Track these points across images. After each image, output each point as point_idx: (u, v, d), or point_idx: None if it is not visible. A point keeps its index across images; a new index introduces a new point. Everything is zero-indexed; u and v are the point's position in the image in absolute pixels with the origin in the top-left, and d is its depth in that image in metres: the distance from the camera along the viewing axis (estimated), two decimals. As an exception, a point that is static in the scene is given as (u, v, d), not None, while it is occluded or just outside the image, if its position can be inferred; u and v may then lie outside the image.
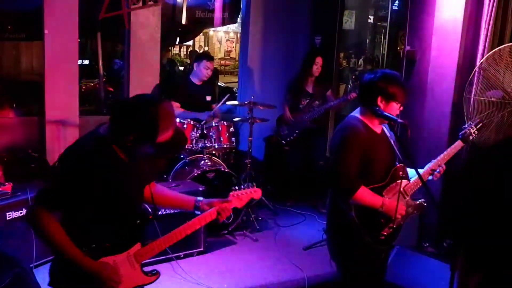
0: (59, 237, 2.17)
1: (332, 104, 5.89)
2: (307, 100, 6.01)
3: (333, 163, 2.87)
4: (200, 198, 2.58)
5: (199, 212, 2.55)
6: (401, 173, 2.98)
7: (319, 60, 5.92)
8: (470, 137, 3.20)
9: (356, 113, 3.03)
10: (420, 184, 3.00)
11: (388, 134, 3.04)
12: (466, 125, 3.25)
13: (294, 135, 6.06)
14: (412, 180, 3.04)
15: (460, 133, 3.20)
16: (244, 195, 2.59)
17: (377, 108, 2.87)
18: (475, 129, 3.21)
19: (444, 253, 4.68)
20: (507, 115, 4.13)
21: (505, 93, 4.14)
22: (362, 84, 2.98)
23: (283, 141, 6.17)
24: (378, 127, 3.00)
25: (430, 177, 3.12)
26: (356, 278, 3.05)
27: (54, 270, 2.35)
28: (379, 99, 2.88)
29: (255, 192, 2.63)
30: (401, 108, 2.94)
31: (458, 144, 3.17)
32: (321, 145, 6.22)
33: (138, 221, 2.42)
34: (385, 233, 2.96)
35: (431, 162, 3.13)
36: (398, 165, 2.99)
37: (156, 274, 2.50)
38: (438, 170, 3.10)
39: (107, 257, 2.32)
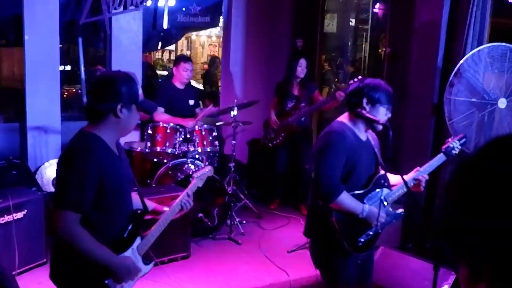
0: (88, 240, 2.21)
1: (319, 104, 5.84)
2: (293, 103, 6.02)
3: (316, 166, 2.88)
4: (167, 208, 2.70)
5: (167, 208, 2.69)
6: (383, 181, 2.99)
7: (303, 62, 5.93)
8: (453, 151, 3.21)
9: (342, 118, 3.03)
10: (401, 194, 3.03)
11: (372, 142, 3.06)
12: (449, 139, 3.26)
13: (281, 138, 6.07)
14: (393, 188, 3.06)
15: (443, 147, 3.21)
16: (204, 174, 2.86)
17: (360, 109, 2.89)
18: (458, 143, 3.22)
19: (427, 253, 4.72)
20: (487, 115, 4.19)
21: (484, 93, 4.20)
22: (349, 91, 3.02)
23: (270, 144, 6.18)
24: (363, 134, 3.01)
25: (411, 183, 3.11)
26: (340, 283, 3.06)
27: (59, 265, 2.37)
28: (364, 101, 2.90)
29: (209, 171, 2.92)
30: (388, 114, 2.94)
31: (441, 157, 3.19)
32: (307, 148, 6.23)
33: (139, 212, 2.51)
34: (362, 240, 2.98)
35: (414, 171, 3.13)
36: (381, 173, 3.00)
37: (152, 261, 2.63)
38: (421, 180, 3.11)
39: (119, 255, 2.38)
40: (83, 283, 2.32)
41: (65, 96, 7.32)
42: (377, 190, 2.98)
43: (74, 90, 7.80)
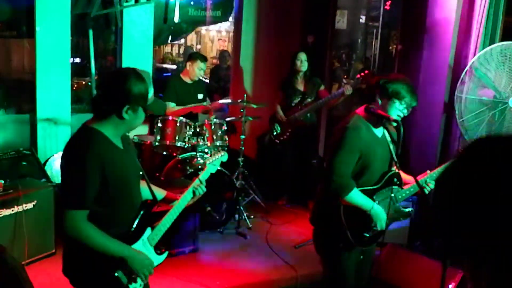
0: (99, 236, 2.24)
1: (325, 99, 5.83)
2: (299, 98, 6.01)
3: (330, 160, 2.87)
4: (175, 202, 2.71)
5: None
6: (395, 179, 2.98)
7: (301, 56, 5.91)
8: None
9: (360, 111, 3.01)
10: (412, 193, 3.04)
11: (388, 138, 3.04)
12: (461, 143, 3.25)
13: (287, 133, 6.06)
14: (404, 188, 3.05)
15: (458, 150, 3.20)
16: (216, 159, 2.88)
17: (371, 107, 2.88)
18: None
19: (434, 251, 4.71)
20: (498, 114, 4.17)
21: (496, 92, 4.18)
22: (367, 84, 3.01)
23: (276, 140, 6.18)
24: (379, 130, 2.99)
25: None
26: (338, 274, 3.07)
27: (71, 259, 2.38)
28: (377, 95, 2.88)
29: (223, 155, 2.93)
30: (405, 111, 2.90)
31: None
32: (314, 144, 6.23)
33: (148, 203, 2.51)
34: (367, 235, 2.98)
35: (429, 172, 3.12)
36: (395, 171, 2.99)
37: (165, 251, 2.62)
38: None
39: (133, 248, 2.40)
40: (94, 277, 2.33)
41: (74, 88, 7.35)
42: (388, 187, 2.97)
43: (84, 83, 7.83)
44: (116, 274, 2.31)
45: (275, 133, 6.13)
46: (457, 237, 0.93)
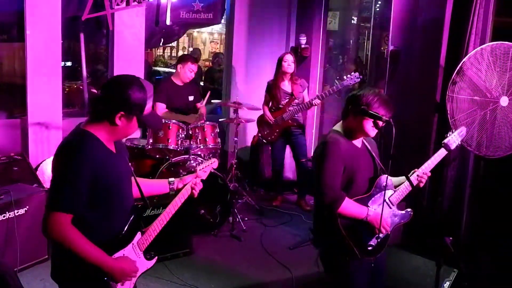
0: (81, 242, 2.20)
1: (302, 108, 5.93)
2: (287, 99, 6.02)
3: (316, 177, 2.89)
4: (172, 179, 2.74)
5: (173, 192, 2.73)
6: (385, 183, 2.98)
7: (288, 57, 5.93)
8: (454, 144, 3.20)
9: (337, 127, 3.05)
10: (406, 194, 3.03)
11: (369, 147, 3.06)
12: (449, 133, 3.26)
13: (275, 134, 6.07)
14: (397, 189, 3.05)
15: (444, 141, 3.21)
16: (207, 167, 2.85)
17: (362, 107, 2.88)
18: (457, 136, 3.22)
19: (429, 250, 4.72)
20: (489, 113, 4.18)
21: (487, 91, 4.19)
22: (346, 98, 3.02)
23: (264, 141, 6.19)
24: (358, 141, 3.02)
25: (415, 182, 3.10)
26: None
27: (60, 264, 2.35)
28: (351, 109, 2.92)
29: (214, 163, 2.91)
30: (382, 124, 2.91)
31: (442, 152, 3.18)
32: (303, 143, 6.24)
33: (139, 207, 2.51)
34: (373, 244, 2.97)
35: (411, 172, 3.12)
36: (382, 175, 2.99)
37: (155, 256, 2.61)
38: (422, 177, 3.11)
39: (117, 252, 2.37)
40: (84, 281, 2.30)
41: (66, 92, 7.31)
42: (380, 192, 2.96)
43: (75, 86, 7.80)
44: (106, 279, 2.29)
45: (263, 134, 6.15)
46: None
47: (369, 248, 2.96)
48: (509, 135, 4.21)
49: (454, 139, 3.20)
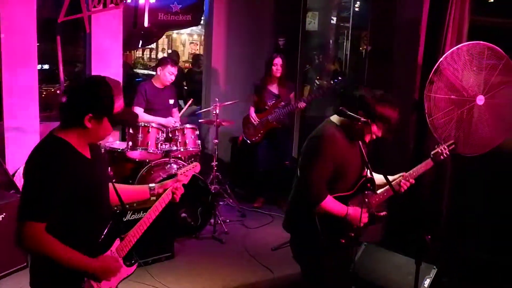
0: (57, 248, 2.15)
1: (287, 110, 5.97)
2: (273, 101, 6.03)
3: (304, 169, 2.87)
4: (152, 185, 2.68)
5: (154, 198, 2.66)
6: (369, 185, 2.98)
7: (278, 61, 5.95)
8: (441, 157, 3.23)
9: (335, 118, 2.99)
10: (386, 197, 3.05)
11: (360, 144, 3.05)
12: (438, 145, 3.28)
13: (260, 135, 6.07)
14: (378, 192, 3.06)
15: (432, 153, 3.23)
16: (188, 171, 2.78)
17: (341, 108, 2.88)
18: (447, 149, 3.25)
19: (409, 248, 4.76)
20: (466, 112, 4.23)
21: (464, 91, 4.24)
22: (356, 96, 2.99)
23: (248, 141, 6.19)
24: (353, 139, 2.98)
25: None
26: (319, 279, 3.07)
27: (37, 272, 2.31)
28: (360, 113, 2.86)
29: (195, 167, 2.84)
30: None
31: (429, 163, 3.20)
32: (287, 145, 6.25)
33: (117, 213, 2.47)
34: (344, 241, 2.99)
35: (399, 175, 3.14)
36: (368, 176, 2.98)
37: (135, 263, 2.57)
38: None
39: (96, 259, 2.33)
40: None
41: (43, 95, 7.21)
42: (362, 193, 2.97)
43: (52, 90, 7.69)
44: (82, 286, 2.26)
45: (247, 135, 6.15)
46: None
47: (340, 244, 2.98)
48: (486, 133, 4.26)
49: (443, 151, 3.22)
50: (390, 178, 3.08)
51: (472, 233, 4.67)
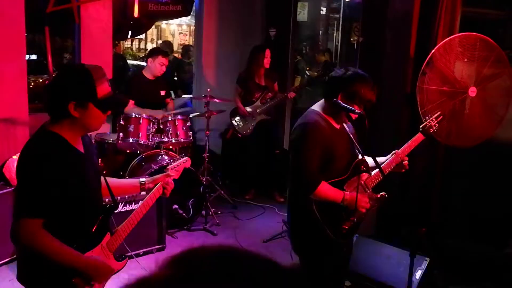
0: (54, 245, 2.14)
1: (277, 101, 6.01)
2: (260, 93, 6.01)
3: (293, 158, 2.86)
4: (143, 179, 2.66)
5: (144, 193, 2.67)
6: (362, 167, 2.98)
7: (268, 53, 5.94)
8: (431, 129, 3.24)
9: (316, 107, 3.00)
10: (381, 178, 3.04)
11: (347, 129, 3.05)
12: (427, 118, 3.29)
13: (250, 128, 6.05)
14: (373, 173, 3.06)
15: (421, 126, 3.24)
16: (179, 165, 2.79)
17: (335, 99, 2.87)
18: (435, 121, 3.25)
19: (401, 240, 4.78)
20: (458, 103, 4.23)
21: (456, 82, 4.24)
22: (328, 79, 2.98)
23: (239, 135, 6.16)
24: (337, 122, 3.00)
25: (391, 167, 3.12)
26: (319, 271, 3.07)
27: (26, 266, 2.29)
28: (339, 95, 2.87)
29: (186, 162, 2.85)
30: (362, 109, 2.92)
31: (419, 137, 3.20)
32: (277, 135, 6.25)
33: (108, 207, 2.44)
34: (346, 227, 2.97)
35: (391, 154, 3.14)
36: (360, 158, 2.99)
37: (125, 258, 2.56)
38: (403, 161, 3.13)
39: (86, 253, 2.31)
40: (50, 283, 2.25)
41: (31, 86, 7.12)
42: (357, 176, 2.97)
43: (41, 80, 7.61)
44: (73, 281, 2.24)
45: (237, 128, 6.11)
46: None
47: (343, 231, 2.97)
48: (478, 125, 4.27)
49: (432, 123, 3.23)
50: (383, 158, 3.08)
51: (463, 225, 4.70)
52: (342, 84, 2.87)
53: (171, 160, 2.79)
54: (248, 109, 6.02)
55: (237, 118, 6.11)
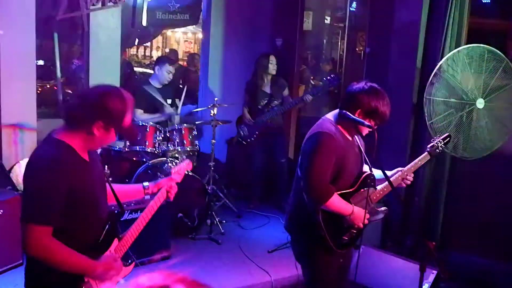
0: (64, 252, 2.16)
1: (290, 105, 5.97)
2: (266, 100, 6.01)
3: (306, 168, 2.85)
4: (147, 184, 2.68)
5: (148, 197, 2.69)
6: (369, 180, 2.99)
7: (273, 59, 5.95)
8: (437, 150, 3.25)
9: (331, 116, 3.00)
10: (386, 193, 3.05)
11: (358, 141, 3.06)
12: (435, 138, 3.30)
13: (255, 135, 6.06)
14: (378, 188, 3.06)
15: (428, 146, 3.24)
16: (181, 168, 2.79)
17: (345, 112, 2.88)
18: (442, 143, 3.27)
19: (406, 250, 4.77)
20: (466, 115, 4.24)
21: (463, 94, 4.25)
22: (347, 93, 2.98)
23: (243, 142, 6.16)
24: (350, 134, 3.00)
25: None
26: (320, 280, 3.07)
27: (34, 273, 2.30)
28: (358, 111, 2.87)
29: (188, 164, 2.88)
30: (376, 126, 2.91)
31: (426, 156, 3.21)
32: (282, 144, 6.24)
33: (115, 213, 2.50)
34: (346, 238, 2.99)
35: (398, 169, 3.14)
36: (368, 172, 2.99)
37: (132, 262, 2.57)
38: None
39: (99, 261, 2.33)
40: None
41: (39, 92, 7.15)
42: (364, 189, 2.98)
43: (48, 86, 7.63)
44: (82, 286, 2.25)
45: (242, 135, 6.12)
46: None
47: (343, 242, 2.98)
48: (485, 136, 4.27)
49: (439, 144, 3.24)
50: (388, 173, 3.08)
51: (470, 237, 4.68)
52: (361, 100, 2.86)
53: (175, 163, 2.81)
54: (253, 117, 6.01)
55: (242, 125, 6.13)
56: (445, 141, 3.27)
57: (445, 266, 4.11)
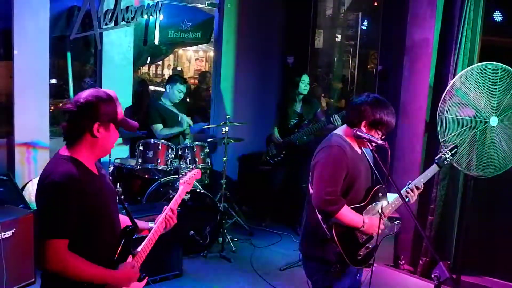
0: (82, 264, 2.18)
1: (319, 126, 5.71)
2: (296, 120, 5.98)
3: (318, 179, 2.85)
4: (152, 224, 2.66)
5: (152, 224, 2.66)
6: (380, 194, 2.99)
7: (306, 78, 5.91)
8: (445, 162, 3.24)
9: (340, 131, 3.02)
10: (397, 206, 3.03)
11: (367, 155, 3.05)
12: (441, 150, 3.30)
13: (282, 155, 6.03)
14: (390, 201, 3.05)
15: (436, 158, 3.24)
16: (191, 178, 2.83)
17: (356, 129, 2.88)
18: (450, 154, 3.26)
19: (420, 269, 4.72)
20: (479, 133, 4.20)
21: (476, 111, 4.23)
22: (350, 106, 2.99)
23: (271, 161, 6.13)
24: (359, 148, 3.01)
25: (407, 199, 3.12)
26: None
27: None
28: (363, 123, 2.89)
29: (197, 174, 2.90)
30: (383, 136, 2.93)
31: (434, 168, 3.21)
32: (306, 167, 6.19)
33: (128, 230, 2.44)
34: (361, 253, 2.96)
35: (408, 184, 3.13)
36: (379, 186, 3.00)
37: (145, 277, 2.55)
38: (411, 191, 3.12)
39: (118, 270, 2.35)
40: None
41: (52, 110, 7.22)
42: (375, 203, 2.97)
43: (60, 105, 7.70)
44: None
45: (270, 154, 6.10)
46: None
47: (359, 258, 2.95)
48: (499, 154, 4.23)
49: (446, 156, 3.23)
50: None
51: (485, 257, 4.62)
52: (365, 112, 2.87)
53: (184, 173, 2.82)
54: (282, 136, 5.97)
55: (271, 144, 6.10)
56: (452, 152, 3.26)
57: (459, 286, 4.06)
